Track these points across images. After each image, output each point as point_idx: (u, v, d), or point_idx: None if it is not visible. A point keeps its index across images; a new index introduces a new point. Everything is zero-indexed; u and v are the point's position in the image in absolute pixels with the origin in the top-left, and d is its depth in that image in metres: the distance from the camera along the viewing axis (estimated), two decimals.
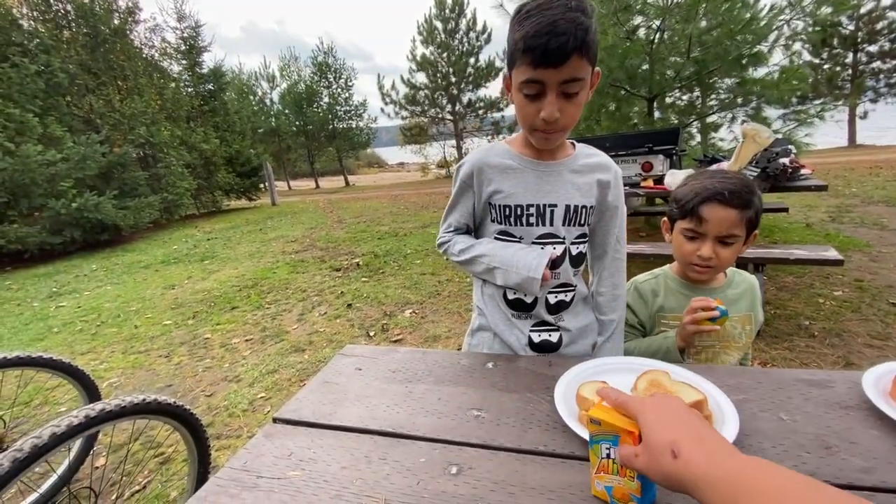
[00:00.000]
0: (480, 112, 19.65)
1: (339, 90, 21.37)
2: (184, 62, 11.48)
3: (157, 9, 36.00)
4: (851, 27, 14.93)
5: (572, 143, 0.99)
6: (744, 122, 4.19)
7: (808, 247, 2.43)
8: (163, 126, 9.41)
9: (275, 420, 0.79)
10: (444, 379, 0.86)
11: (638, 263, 2.09)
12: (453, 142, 20.54)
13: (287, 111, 21.82)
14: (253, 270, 5.35)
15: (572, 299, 1.00)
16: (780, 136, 3.00)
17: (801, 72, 4.10)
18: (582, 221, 0.95)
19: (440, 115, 19.99)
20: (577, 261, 0.98)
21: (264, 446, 0.72)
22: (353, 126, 21.98)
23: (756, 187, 0.96)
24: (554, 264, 0.93)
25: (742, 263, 3.00)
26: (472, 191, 0.98)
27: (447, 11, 17.93)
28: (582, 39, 0.75)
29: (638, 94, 4.43)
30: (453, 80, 18.73)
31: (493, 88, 19.26)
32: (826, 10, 4.02)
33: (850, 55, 15.65)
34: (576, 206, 0.94)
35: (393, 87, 19.07)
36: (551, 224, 0.93)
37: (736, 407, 0.65)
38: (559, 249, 0.94)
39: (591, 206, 0.95)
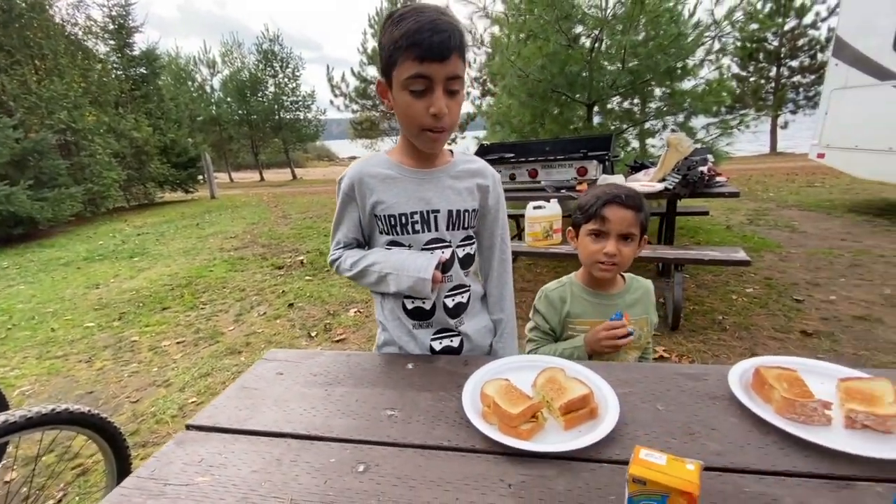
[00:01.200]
0: None
1: (285, 80, 20.58)
2: (112, 42, 10.60)
3: None
4: (776, 43, 16.30)
5: (450, 151, 1.04)
6: (673, 130, 4.51)
7: (720, 248, 2.67)
8: (87, 111, 8.64)
9: (188, 427, 0.78)
10: (363, 381, 0.88)
11: (575, 263, 2.20)
12: None
13: (229, 99, 20.73)
14: (187, 268, 5.08)
15: (469, 300, 1.04)
16: (699, 146, 3.26)
17: (725, 84, 4.46)
18: (465, 225, 1.00)
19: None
20: (466, 262, 1.03)
21: (174, 454, 0.71)
22: (301, 118, 21.26)
23: (643, 197, 1.07)
24: (444, 267, 0.96)
25: (666, 264, 3.24)
26: (355, 203, 1.00)
27: (399, 6, 17.75)
28: (460, 39, 0.81)
29: (578, 99, 4.64)
30: None
31: None
32: (753, 26, 4.40)
33: (774, 69, 17.10)
34: (458, 211, 0.98)
35: (343, 79, 18.68)
36: (436, 229, 0.97)
37: (620, 399, 0.72)
38: (447, 252, 0.97)
39: (474, 210, 1.00)
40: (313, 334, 3.15)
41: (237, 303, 3.88)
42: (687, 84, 4.56)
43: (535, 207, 2.79)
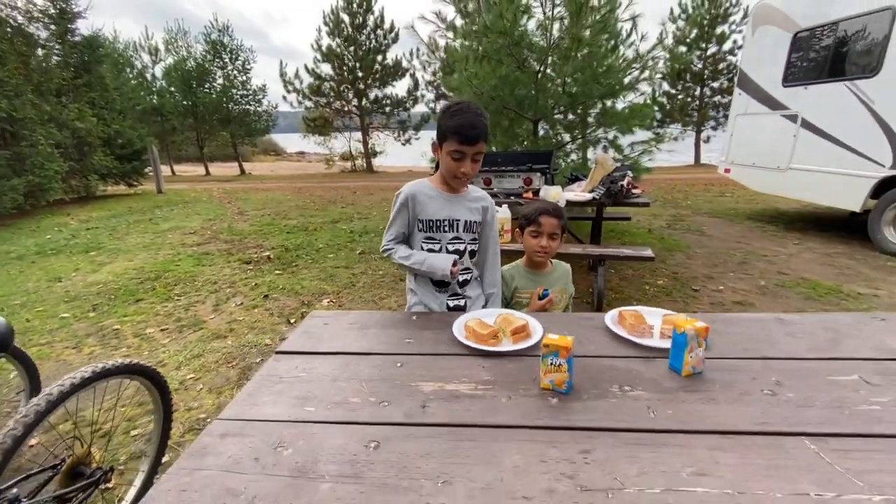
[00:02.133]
0: (387, 109, 19.92)
1: (235, 72, 20.03)
2: (52, 28, 10.03)
3: None
4: (700, 65, 18.14)
5: (468, 186, 1.58)
6: (605, 149, 5.25)
7: (633, 247, 3.36)
8: (28, 100, 8.22)
9: (276, 352, 1.21)
10: (387, 325, 1.35)
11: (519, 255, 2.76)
12: (359, 136, 20.54)
13: (173, 89, 19.85)
14: (152, 263, 5.18)
15: (471, 278, 1.60)
16: (620, 164, 3.95)
17: (646, 109, 5.25)
18: (474, 231, 1.56)
19: (346, 108, 19.86)
20: (472, 254, 1.59)
21: (277, 364, 1.14)
22: (251, 111, 20.76)
23: (562, 209, 1.62)
24: (456, 262, 1.50)
25: (594, 259, 3.91)
26: (406, 210, 1.51)
27: (354, 6, 17.89)
28: (486, 132, 1.37)
29: (525, 116, 5.27)
30: (360, 74, 18.74)
31: (400, 87, 19.73)
32: (681, 48, 5.16)
33: (698, 89, 18.99)
34: (470, 221, 1.53)
35: (297, 75, 18.48)
36: (456, 231, 1.52)
37: (543, 328, 1.25)
38: (462, 248, 1.53)
39: (479, 222, 1.56)
40: (292, 321, 3.50)
41: (212, 294, 4.13)
42: (619, 105, 5.32)
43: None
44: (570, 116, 5.80)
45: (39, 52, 9.17)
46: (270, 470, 0.77)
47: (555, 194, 3.46)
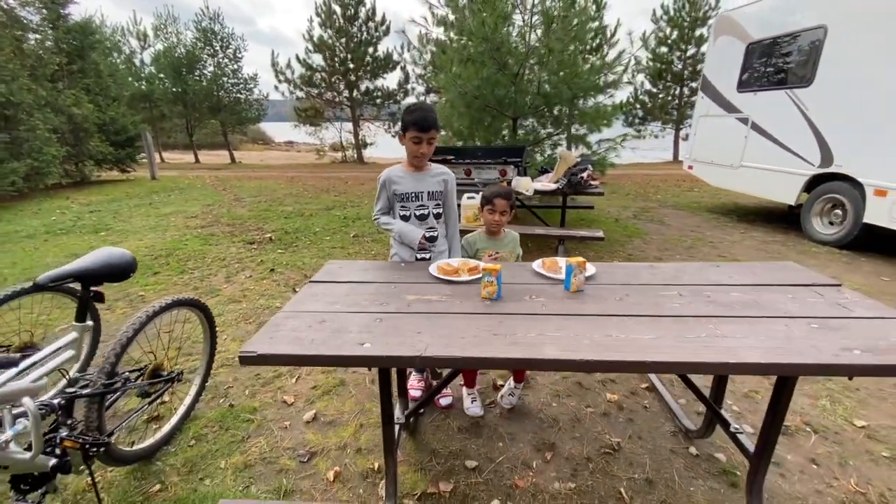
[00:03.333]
0: (378, 101, 20.28)
1: (226, 61, 20.16)
2: (44, 12, 10.23)
3: None
4: (680, 66, 18.86)
5: (430, 163, 2.13)
6: (574, 145, 5.87)
7: (587, 230, 3.97)
8: (24, 84, 8.50)
9: (310, 281, 1.77)
10: (385, 271, 1.93)
11: None
12: (350, 126, 20.89)
13: (162, 75, 19.91)
14: (161, 243, 5.64)
15: (438, 235, 2.17)
16: (580, 158, 4.56)
17: (611, 110, 5.87)
18: (437, 199, 2.12)
19: (337, 99, 20.18)
20: (438, 216, 2.15)
21: (310, 288, 1.70)
22: (242, 99, 20.93)
23: (513, 192, 2.21)
24: (424, 220, 2.09)
25: (556, 238, 4.52)
26: (385, 189, 2.09)
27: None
28: (435, 123, 1.93)
29: (505, 114, 5.84)
30: (351, 66, 19.06)
31: (391, 80, 20.11)
32: (662, 49, 5.74)
33: (678, 88, 19.73)
34: (433, 191, 2.10)
35: (289, 65, 18.70)
36: (421, 200, 2.08)
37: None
38: (427, 212, 2.10)
39: (441, 191, 2.12)
40: (297, 290, 4.04)
41: (223, 269, 4.63)
42: (588, 105, 5.93)
43: (468, 197, 3.91)
44: (546, 115, 6.40)
45: (31, 36, 9.39)
46: (318, 329, 1.34)
47: (525, 184, 4.04)
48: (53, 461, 1.42)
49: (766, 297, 1.56)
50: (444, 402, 2.30)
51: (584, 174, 4.20)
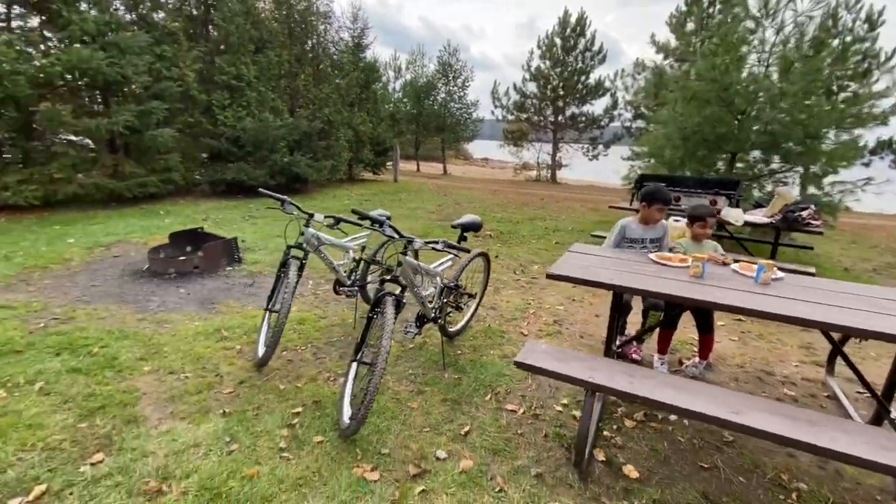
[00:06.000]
0: (581, 126, 21.10)
1: (455, 88, 23.82)
2: (350, 57, 14.34)
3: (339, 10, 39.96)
4: None
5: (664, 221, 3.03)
6: (783, 184, 5.73)
7: (798, 264, 4.13)
8: (337, 109, 12.21)
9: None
10: (619, 253, 2.91)
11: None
12: (549, 148, 22.23)
13: (406, 100, 24.72)
14: (418, 227, 7.69)
15: None
16: (800, 197, 4.62)
17: (852, 147, 5.55)
18: (656, 243, 3.01)
19: (542, 123, 21.77)
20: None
21: (569, 254, 2.80)
22: (462, 121, 24.35)
23: (714, 211, 2.93)
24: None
25: None
26: (620, 233, 3.04)
27: (568, 30, 19.57)
28: (670, 201, 2.86)
29: (725, 149, 6.10)
30: (561, 93, 20.37)
31: (598, 106, 20.67)
32: None
33: None
34: (653, 238, 3.00)
35: (507, 93, 21.09)
36: (645, 244, 3.00)
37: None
38: (646, 251, 2.97)
39: (659, 237, 3.00)
40: (516, 272, 5.30)
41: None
42: (828, 141, 5.71)
43: (674, 220, 4.54)
44: (771, 152, 6.33)
45: (353, 73, 13.33)
46: (583, 270, 2.41)
47: (735, 214, 4.44)
48: (432, 314, 2.84)
49: None
50: (635, 356, 3.13)
51: (804, 212, 4.33)
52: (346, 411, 2.29)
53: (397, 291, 2.44)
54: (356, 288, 3.48)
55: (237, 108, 9.50)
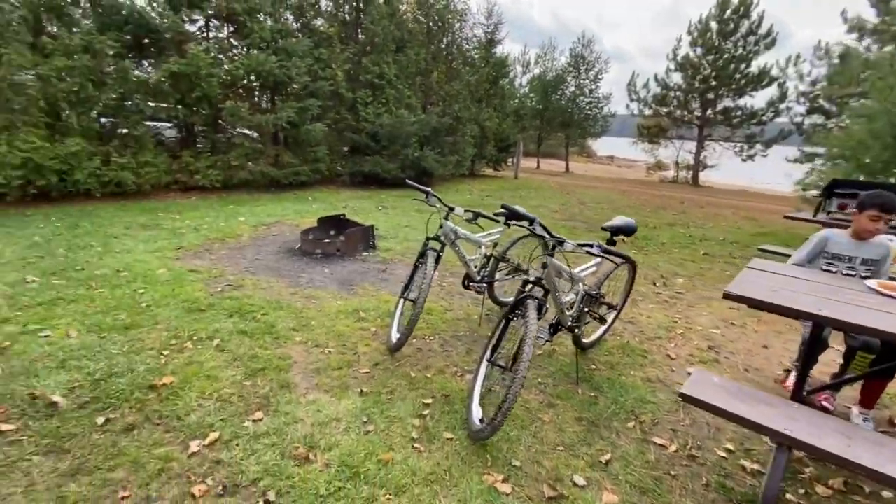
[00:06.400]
0: (735, 121, 18.36)
1: (587, 81, 22.54)
2: (481, 52, 14.40)
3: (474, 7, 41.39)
4: None
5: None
6: None
7: None
8: (465, 105, 12.37)
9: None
10: (813, 275, 2.36)
11: None
12: (691, 146, 19.81)
13: (532, 95, 24.13)
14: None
15: None
16: None
17: None
18: (869, 265, 2.37)
19: (686, 118, 19.47)
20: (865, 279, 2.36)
21: (748, 270, 2.34)
22: (592, 116, 22.98)
23: None
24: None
25: None
26: (819, 244, 2.45)
27: (729, 12, 17.10)
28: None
29: None
30: (713, 83, 17.94)
31: (760, 98, 17.78)
32: None
33: None
34: (867, 259, 2.36)
35: (646, 85, 19.32)
36: (854, 264, 2.38)
37: None
38: (853, 274, 2.36)
39: (875, 260, 2.37)
40: (656, 284, 4.74)
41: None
42: None
43: (888, 240, 3.60)
44: None
45: (483, 69, 13.41)
46: (769, 293, 1.97)
47: None
48: (568, 322, 2.62)
49: None
50: (826, 404, 2.52)
51: None
52: (476, 412, 2.22)
53: (539, 294, 2.27)
54: (485, 284, 3.41)
55: (377, 104, 10.18)
